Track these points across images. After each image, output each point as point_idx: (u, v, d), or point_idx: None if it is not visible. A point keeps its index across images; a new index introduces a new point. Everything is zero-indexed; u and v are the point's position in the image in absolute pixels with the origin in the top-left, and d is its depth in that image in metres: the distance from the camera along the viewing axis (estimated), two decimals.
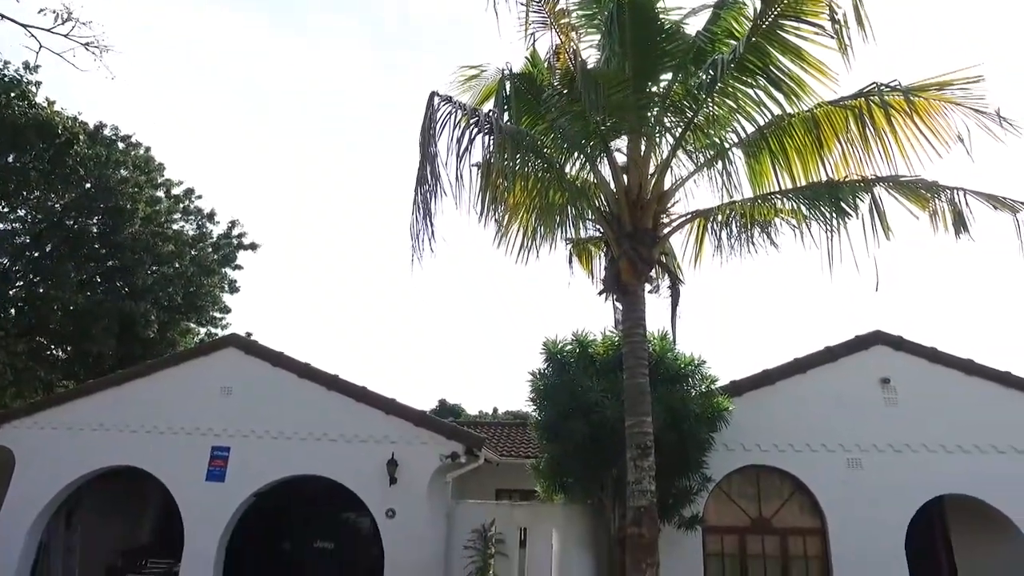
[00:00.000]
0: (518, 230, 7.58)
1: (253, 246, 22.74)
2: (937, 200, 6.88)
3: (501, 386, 73.09)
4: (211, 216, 22.21)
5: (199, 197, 22.18)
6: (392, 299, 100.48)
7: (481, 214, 6.20)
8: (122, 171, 19.00)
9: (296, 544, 13.70)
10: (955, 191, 6.79)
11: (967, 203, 6.75)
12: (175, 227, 21.15)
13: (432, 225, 5.51)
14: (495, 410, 38.54)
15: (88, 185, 18.13)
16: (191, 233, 21.73)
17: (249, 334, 17.24)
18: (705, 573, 10.56)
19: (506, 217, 7.33)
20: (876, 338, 11.56)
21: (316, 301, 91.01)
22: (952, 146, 7.14)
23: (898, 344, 11.51)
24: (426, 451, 11.21)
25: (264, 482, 11.40)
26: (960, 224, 6.69)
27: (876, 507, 10.55)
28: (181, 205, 21.75)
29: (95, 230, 18.70)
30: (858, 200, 7.03)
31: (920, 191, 7.04)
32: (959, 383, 11.21)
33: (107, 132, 19.18)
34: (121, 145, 19.58)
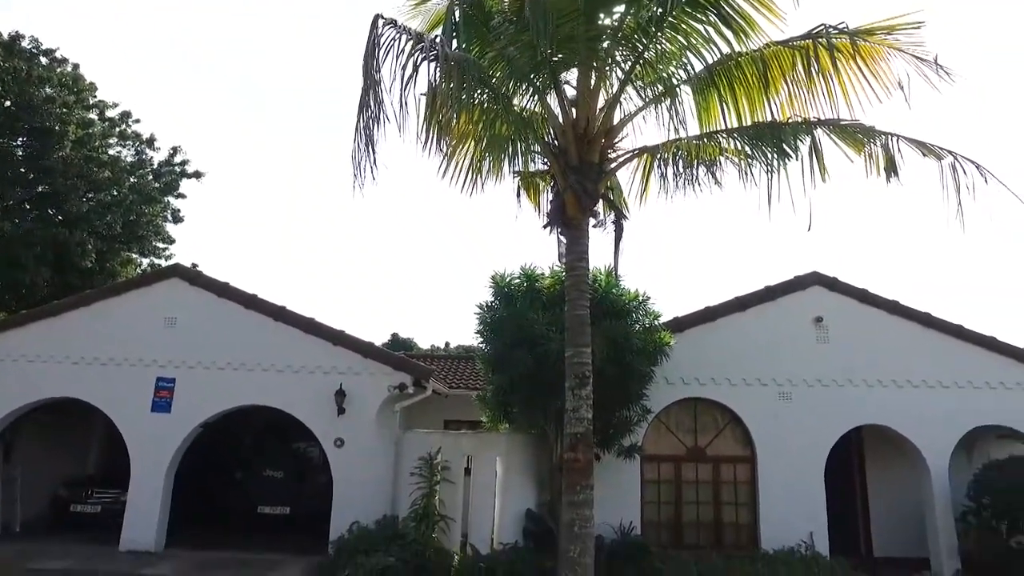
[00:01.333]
0: (465, 161, 7.52)
1: (197, 175, 21.96)
2: (872, 144, 7.08)
3: (453, 320, 73.66)
4: (150, 142, 21.24)
5: (137, 121, 21.15)
6: (344, 233, 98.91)
7: (426, 144, 6.13)
8: (47, 89, 17.84)
9: (245, 473, 13.84)
10: (889, 136, 6.99)
11: (899, 149, 6.98)
12: (111, 152, 20.15)
13: (374, 153, 5.43)
14: (447, 344, 38.93)
15: (8, 103, 17.01)
16: (129, 159, 20.77)
17: (195, 265, 16.92)
18: (642, 498, 11.14)
19: (453, 147, 7.26)
20: (813, 279, 12.02)
21: (266, 235, 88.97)
22: (892, 92, 7.33)
23: (832, 285, 12.01)
24: (374, 382, 11.37)
25: (211, 413, 11.43)
26: (891, 169, 6.93)
27: (802, 437, 11.23)
28: (117, 129, 20.67)
29: (20, 152, 17.66)
30: (799, 142, 7.18)
31: (857, 135, 7.23)
32: (884, 323, 11.83)
33: (26, 44, 17.82)
34: (44, 60, 18.33)
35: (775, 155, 6.94)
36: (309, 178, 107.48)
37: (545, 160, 7.32)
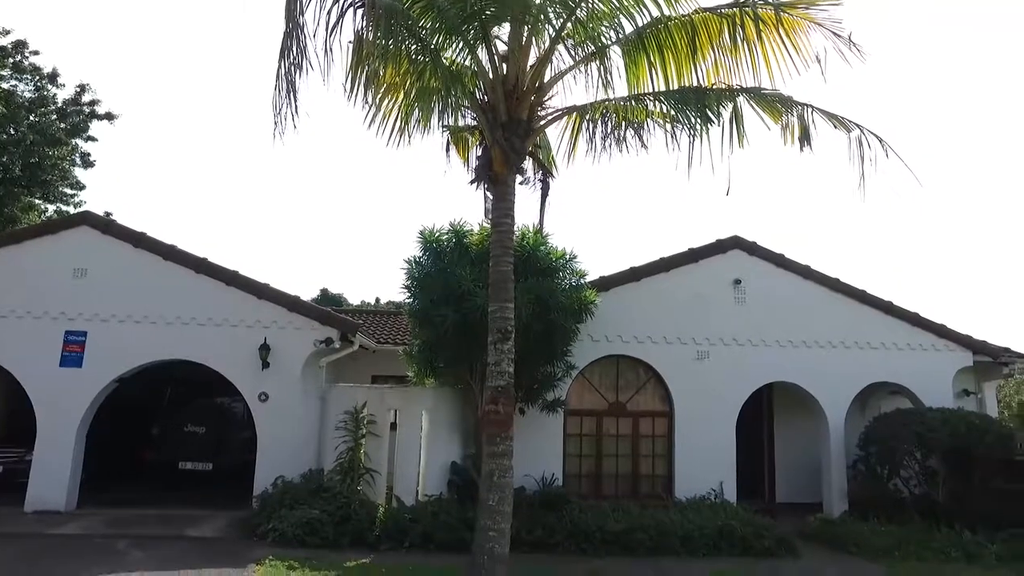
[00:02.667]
0: (393, 112, 7.39)
1: (109, 116, 20.58)
2: (789, 114, 7.37)
3: (384, 276, 72.84)
4: (53, 77, 19.64)
5: (35, 53, 19.42)
6: (271, 186, 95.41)
7: (352, 93, 5.98)
8: None
9: (165, 429, 13.49)
10: (804, 107, 7.29)
11: (813, 120, 7.29)
12: (4, 86, 18.59)
13: (296, 100, 5.27)
14: (377, 300, 38.54)
15: None
16: (28, 95, 19.22)
17: (108, 214, 16.03)
18: (564, 451, 11.56)
19: (380, 99, 7.10)
20: (733, 243, 12.52)
21: (189, 184, 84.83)
22: (810, 65, 7.61)
23: (751, 249, 12.55)
24: (300, 336, 11.23)
25: (127, 367, 11.04)
26: (805, 138, 7.24)
27: (716, 393, 11.84)
28: (11, 60, 18.98)
29: None
30: (722, 108, 7.39)
31: (776, 104, 7.50)
32: (797, 286, 12.50)
33: None
34: None
35: (699, 120, 7.13)
36: (236, 127, 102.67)
37: (475, 115, 7.27)
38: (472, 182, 7.23)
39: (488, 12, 6.78)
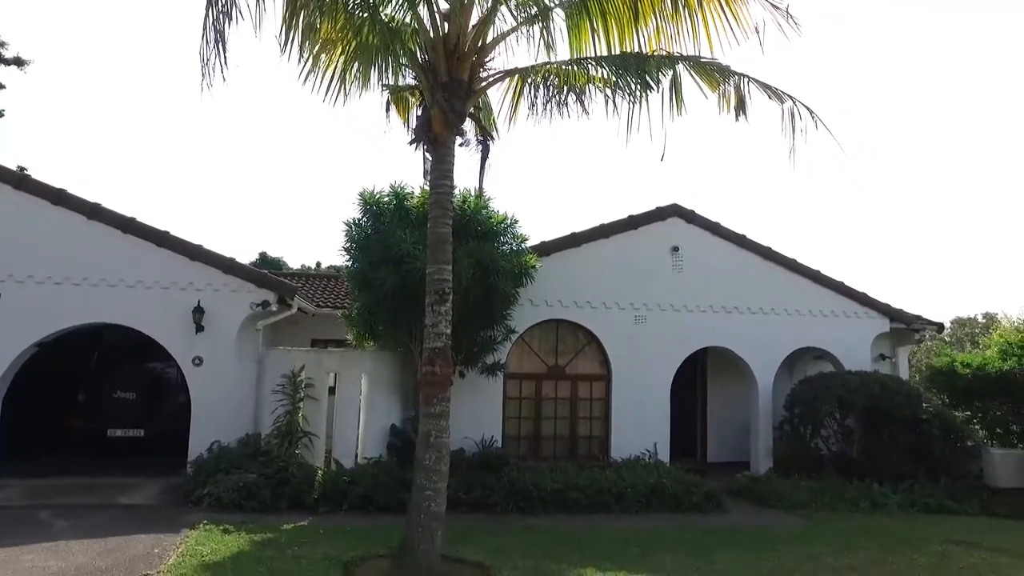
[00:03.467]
0: (331, 68, 7.16)
1: (19, 62, 19.23)
2: (726, 84, 7.48)
3: (325, 240, 71.35)
4: None
5: None
6: (207, 148, 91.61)
7: (286, 46, 5.76)
8: None
9: (92, 395, 13.00)
10: (741, 77, 7.42)
11: (749, 90, 7.44)
12: None
13: (225, 52, 5.04)
14: (319, 264, 37.75)
15: None
16: None
17: (22, 169, 15.09)
18: (504, 413, 11.73)
19: (316, 54, 6.87)
20: (672, 210, 12.79)
21: (115, 140, 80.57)
22: (749, 36, 7.73)
23: (690, 217, 12.84)
24: (236, 299, 10.97)
25: (48, 331, 10.54)
26: (741, 108, 7.39)
27: (653, 357, 12.20)
28: None
29: None
30: (661, 75, 7.45)
31: (714, 73, 7.60)
32: (732, 254, 12.91)
33: None
34: None
35: (639, 86, 7.17)
36: (165, 81, 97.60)
37: (415, 75, 7.13)
38: (412, 143, 7.11)
39: None
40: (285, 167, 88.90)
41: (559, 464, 10.86)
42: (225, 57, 5.09)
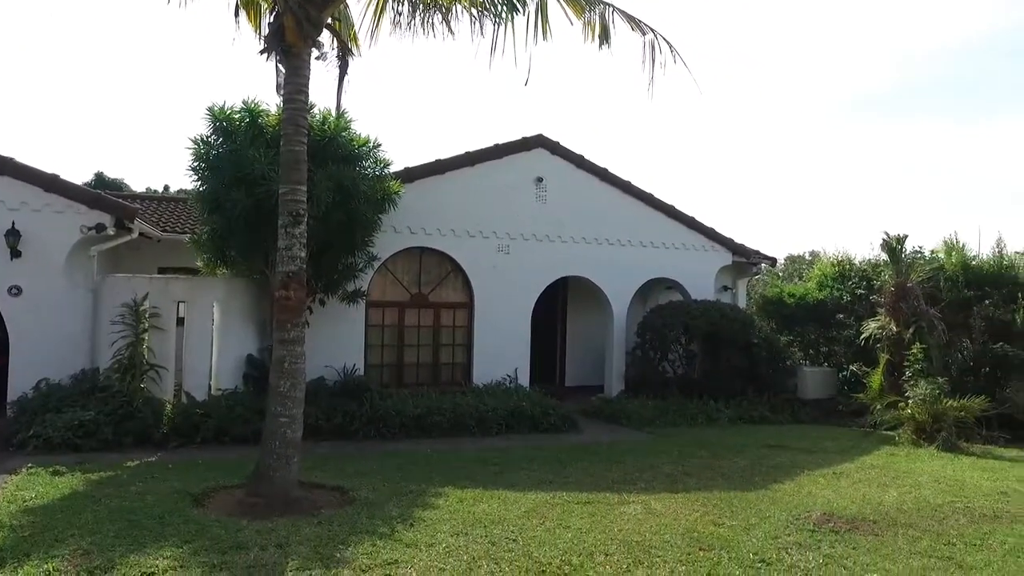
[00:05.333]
0: None
1: None
2: (591, 12, 7.51)
3: (173, 162, 65.33)
4: None
5: None
6: (30, 54, 79.52)
7: None
8: None
9: None
10: (606, 6, 7.48)
11: (613, 19, 7.53)
12: None
13: None
14: (166, 187, 34.68)
15: None
16: None
17: None
18: (366, 342, 11.62)
19: None
20: (538, 141, 12.89)
21: None
22: None
23: (554, 148, 13.03)
24: (62, 221, 9.83)
25: None
26: (605, 37, 7.47)
27: (515, 286, 12.49)
28: None
29: None
30: None
31: (581, 0, 7.60)
32: (594, 187, 13.31)
33: None
34: None
35: (504, 7, 7.03)
36: None
37: None
38: (263, 52, 6.54)
39: None
40: (124, 78, 79.35)
41: (422, 391, 10.99)
42: None
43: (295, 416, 5.99)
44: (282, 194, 6.04)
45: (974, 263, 12.29)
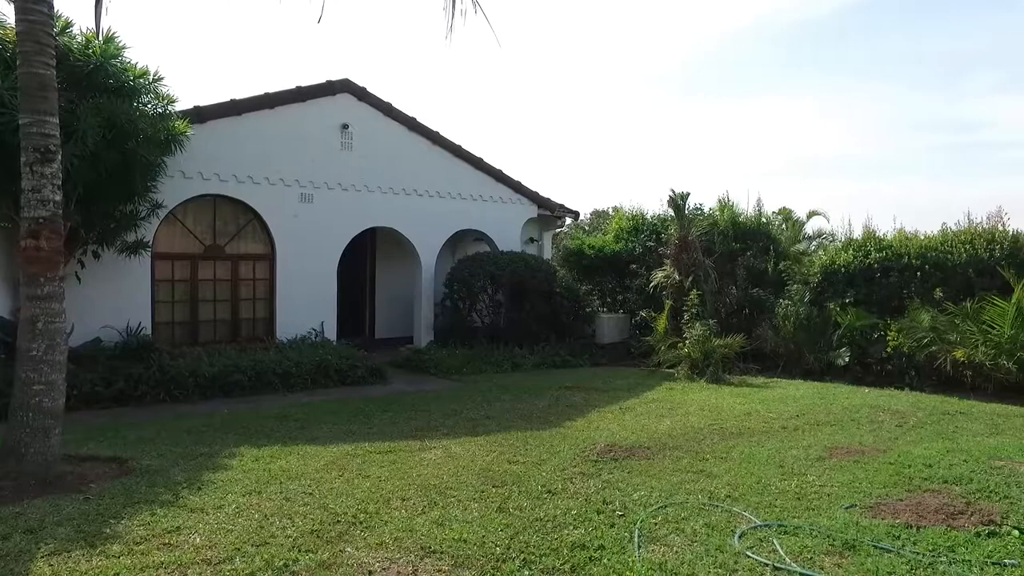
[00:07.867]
0: None
1: None
2: None
3: None
4: None
5: None
6: None
7: None
8: None
9: None
10: None
11: None
12: None
13: None
14: None
15: None
16: None
17: None
18: (153, 297, 10.57)
19: None
20: (343, 86, 12.30)
21: None
22: None
23: (361, 95, 12.52)
24: None
25: None
26: None
27: (320, 236, 11.99)
28: None
29: None
30: None
31: None
32: (402, 136, 13.06)
33: None
34: None
35: None
36: None
37: None
38: None
39: None
40: None
41: (220, 348, 10.28)
42: None
43: (54, 383, 5.29)
44: (24, 126, 5.18)
45: (741, 219, 13.95)
